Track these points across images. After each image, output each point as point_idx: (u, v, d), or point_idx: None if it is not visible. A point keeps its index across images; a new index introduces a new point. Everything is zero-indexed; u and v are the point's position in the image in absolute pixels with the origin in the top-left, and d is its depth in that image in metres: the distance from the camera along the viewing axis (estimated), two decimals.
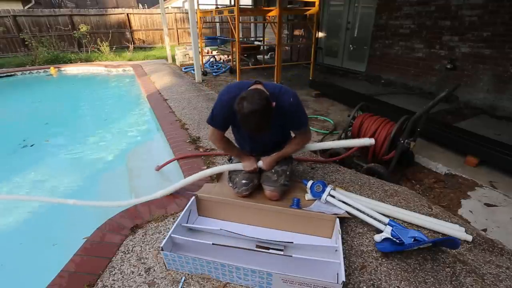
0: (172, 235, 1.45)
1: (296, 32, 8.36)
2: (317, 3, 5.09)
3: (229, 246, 1.40)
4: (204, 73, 6.45)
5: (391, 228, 1.51)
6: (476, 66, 3.99)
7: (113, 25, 11.63)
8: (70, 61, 9.00)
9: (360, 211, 1.68)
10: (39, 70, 7.86)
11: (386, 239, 1.50)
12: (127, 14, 11.84)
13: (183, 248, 1.48)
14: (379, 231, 1.57)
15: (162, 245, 1.36)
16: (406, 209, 1.83)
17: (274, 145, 1.87)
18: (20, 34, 9.78)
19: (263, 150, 1.88)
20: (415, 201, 1.94)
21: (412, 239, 1.42)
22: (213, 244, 1.39)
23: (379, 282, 1.34)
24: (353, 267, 1.43)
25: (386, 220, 1.59)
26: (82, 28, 10.07)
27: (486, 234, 1.73)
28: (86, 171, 3.18)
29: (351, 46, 6.41)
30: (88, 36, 10.11)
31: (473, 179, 2.44)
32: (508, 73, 3.67)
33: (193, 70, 6.18)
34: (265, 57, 7.95)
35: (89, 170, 3.20)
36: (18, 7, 11.37)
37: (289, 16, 7.74)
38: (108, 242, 1.61)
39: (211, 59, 7.90)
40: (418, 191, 2.36)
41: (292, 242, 1.48)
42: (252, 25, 10.71)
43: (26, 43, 9.36)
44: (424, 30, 4.60)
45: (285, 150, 1.84)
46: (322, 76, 6.20)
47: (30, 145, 3.74)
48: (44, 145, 3.84)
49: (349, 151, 2.49)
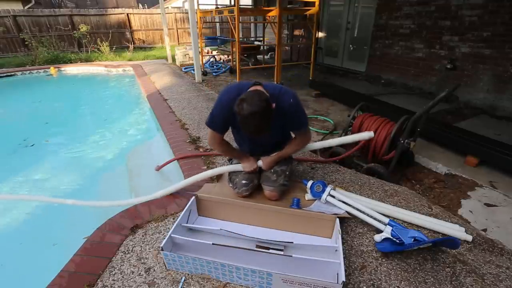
0: (172, 235, 1.45)
1: (296, 32, 8.36)
2: (317, 3, 5.09)
3: (229, 246, 1.40)
4: (204, 73, 6.45)
5: (391, 228, 1.51)
6: (476, 66, 3.99)
7: (113, 25, 11.63)
8: (70, 61, 9.00)
9: (360, 211, 1.68)
10: (39, 70, 7.86)
11: (386, 239, 1.50)
12: (127, 14, 11.84)
13: (183, 248, 1.48)
14: (379, 231, 1.57)
15: (162, 245, 1.36)
16: (406, 209, 1.83)
17: (274, 146, 1.87)
18: (20, 34, 9.79)
19: (263, 151, 1.88)
20: (415, 201, 1.94)
21: (412, 239, 1.42)
22: (213, 244, 1.39)
23: (379, 282, 1.34)
24: (353, 267, 1.43)
25: (386, 220, 1.59)
26: (82, 28, 10.07)
27: (486, 234, 1.73)
28: (86, 171, 3.19)
29: (351, 46, 6.41)
30: (88, 36, 10.11)
31: (473, 179, 2.44)
32: (508, 73, 3.67)
33: (193, 70, 6.18)
34: (265, 57, 7.95)
35: (89, 170, 3.21)
36: (18, 7, 11.38)
37: (289, 16, 7.74)
38: (108, 242, 1.61)
39: (211, 59, 7.90)
40: (418, 191, 2.36)
41: (292, 242, 1.48)
42: (252, 25, 10.71)
43: (26, 43, 9.36)
44: (424, 30, 4.60)
45: (285, 150, 1.84)
46: (322, 76, 6.20)
47: (30, 145, 3.75)
48: (44, 145, 3.84)
49: (349, 151, 2.49)
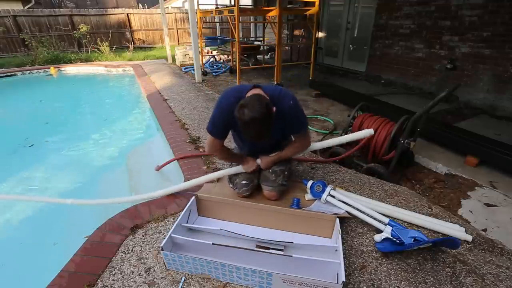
0: (172, 235, 1.45)
1: (296, 32, 8.36)
2: (317, 3, 5.09)
3: (229, 246, 1.40)
4: (204, 73, 6.45)
5: (391, 228, 1.51)
6: (476, 66, 3.99)
7: (113, 25, 11.63)
8: (70, 61, 9.00)
9: (360, 211, 1.68)
10: (39, 70, 7.86)
11: (386, 239, 1.50)
12: (127, 14, 11.84)
13: (183, 248, 1.48)
14: (379, 231, 1.57)
15: (162, 245, 1.36)
16: (406, 209, 1.83)
17: (273, 146, 1.87)
18: (20, 34, 9.78)
19: (263, 151, 1.88)
20: (415, 201, 1.94)
21: (412, 239, 1.42)
22: (213, 244, 1.39)
23: (379, 282, 1.35)
24: (353, 267, 1.43)
25: (386, 220, 1.59)
26: (82, 28, 10.07)
27: (486, 234, 1.73)
28: (86, 170, 3.19)
29: (351, 46, 6.40)
30: (88, 36, 10.11)
31: (473, 179, 2.44)
32: (508, 73, 3.67)
33: (193, 70, 6.18)
34: (265, 57, 7.95)
35: (89, 169, 3.21)
36: (18, 7, 11.37)
37: (289, 16, 7.74)
38: (108, 242, 1.61)
39: (211, 59, 7.90)
40: (418, 191, 2.36)
41: (292, 242, 1.48)
42: (252, 25, 10.71)
43: (26, 43, 9.36)
44: (424, 30, 4.60)
45: (285, 152, 1.84)
46: (322, 76, 6.20)
47: (29, 146, 3.75)
48: (45, 144, 3.84)
49: (349, 151, 2.49)
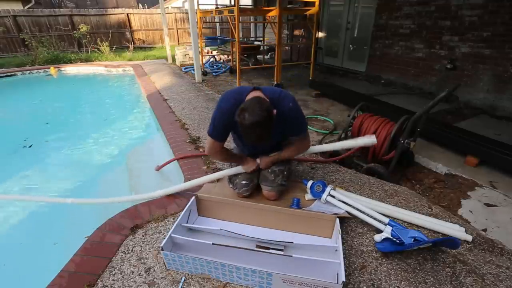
0: (172, 235, 1.45)
1: (296, 32, 8.36)
2: (317, 3, 5.08)
3: (229, 246, 1.40)
4: (204, 73, 6.45)
5: (391, 228, 1.51)
6: (476, 66, 3.99)
7: (113, 25, 11.63)
8: (70, 61, 9.00)
9: (360, 211, 1.68)
10: (39, 70, 7.86)
11: (386, 239, 1.50)
12: (127, 14, 11.83)
13: (183, 248, 1.48)
14: (379, 231, 1.57)
15: (162, 245, 1.36)
16: (406, 209, 1.83)
17: (273, 148, 1.87)
18: (20, 34, 9.78)
19: (263, 152, 1.88)
20: (415, 201, 1.94)
21: (412, 239, 1.42)
22: (213, 244, 1.39)
23: (379, 282, 1.35)
24: (353, 267, 1.43)
25: (386, 220, 1.59)
26: (82, 28, 10.07)
27: (486, 234, 1.73)
28: (86, 170, 3.19)
29: (351, 46, 6.40)
30: (88, 36, 10.10)
31: (473, 179, 2.44)
32: (508, 73, 3.67)
33: (193, 70, 6.18)
34: (265, 57, 7.95)
35: (89, 169, 3.21)
36: (18, 7, 11.37)
37: (289, 16, 7.74)
38: (108, 242, 1.61)
39: (211, 59, 7.89)
40: (418, 191, 2.36)
41: (292, 242, 1.48)
42: (252, 25, 10.70)
43: (26, 43, 9.36)
44: (424, 30, 4.60)
45: (284, 153, 1.84)
46: (322, 76, 6.20)
47: (29, 146, 3.74)
48: (45, 144, 3.84)
49: (349, 151, 2.49)
